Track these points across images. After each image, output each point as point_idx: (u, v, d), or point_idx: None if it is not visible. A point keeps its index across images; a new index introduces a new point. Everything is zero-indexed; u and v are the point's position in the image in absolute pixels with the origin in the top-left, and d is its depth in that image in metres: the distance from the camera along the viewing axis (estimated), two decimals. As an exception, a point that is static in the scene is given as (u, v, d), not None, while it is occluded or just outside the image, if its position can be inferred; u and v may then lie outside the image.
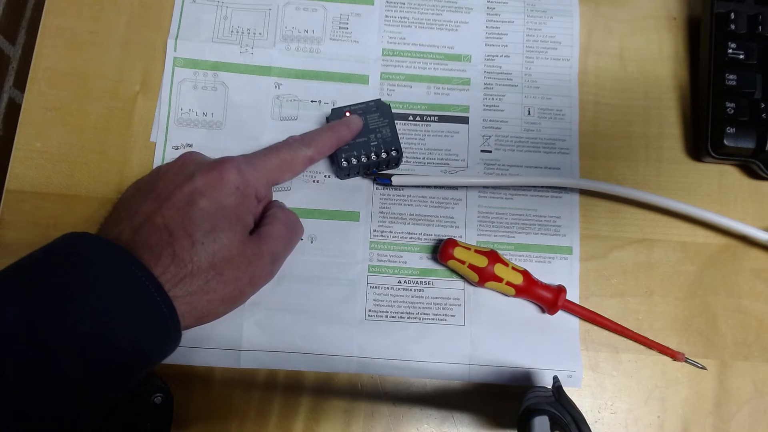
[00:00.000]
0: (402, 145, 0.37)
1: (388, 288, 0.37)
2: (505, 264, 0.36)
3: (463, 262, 0.35)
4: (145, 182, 0.32)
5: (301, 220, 0.37)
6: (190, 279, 0.27)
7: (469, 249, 0.36)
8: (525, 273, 0.36)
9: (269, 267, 0.32)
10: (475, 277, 0.36)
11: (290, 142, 0.34)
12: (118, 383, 0.26)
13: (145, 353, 0.26)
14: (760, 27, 0.39)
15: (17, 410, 0.22)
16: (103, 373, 0.25)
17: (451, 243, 0.36)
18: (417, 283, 0.37)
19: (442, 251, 0.36)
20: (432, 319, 0.37)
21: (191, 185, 0.29)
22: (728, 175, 0.41)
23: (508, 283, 0.35)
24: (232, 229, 0.29)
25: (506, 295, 0.37)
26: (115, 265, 0.26)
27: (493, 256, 0.35)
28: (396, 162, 0.38)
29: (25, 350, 0.23)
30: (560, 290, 0.36)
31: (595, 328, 0.37)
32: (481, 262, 0.35)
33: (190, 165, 0.31)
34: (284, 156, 0.33)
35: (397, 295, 0.37)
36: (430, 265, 0.38)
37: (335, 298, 0.37)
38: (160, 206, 0.29)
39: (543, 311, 0.37)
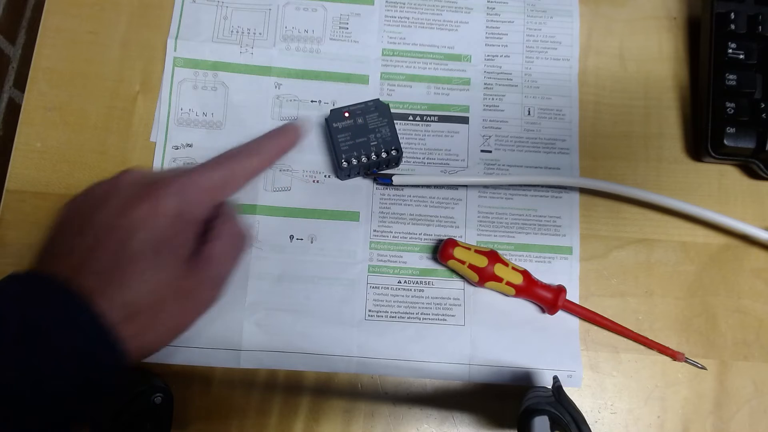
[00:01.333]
0: (402, 145, 0.37)
1: (388, 288, 0.37)
2: (505, 264, 0.36)
3: (463, 262, 0.35)
4: (80, 208, 0.29)
5: (300, 220, 0.37)
6: (132, 319, 0.26)
7: (469, 249, 0.36)
8: (525, 273, 0.36)
9: (214, 292, 0.31)
10: (475, 277, 0.36)
11: (231, 155, 0.32)
12: (59, 425, 0.25)
13: (84, 392, 0.25)
14: (760, 27, 0.39)
15: None
16: (38, 418, 0.24)
17: (451, 243, 0.36)
18: (417, 283, 0.37)
19: (442, 251, 0.36)
20: (432, 319, 0.37)
21: (128, 218, 0.27)
22: (728, 175, 0.41)
23: (508, 283, 0.35)
24: (172, 262, 0.28)
25: (506, 295, 0.37)
26: (59, 307, 0.25)
27: (493, 256, 0.35)
28: (396, 162, 0.38)
29: None
30: (560, 290, 0.36)
31: (595, 328, 0.37)
32: (481, 262, 0.35)
33: (126, 190, 0.29)
34: (226, 171, 0.31)
35: (397, 295, 0.37)
36: (430, 265, 0.38)
37: (335, 298, 0.37)
38: (95, 245, 0.27)
39: (543, 311, 0.37)
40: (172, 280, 0.28)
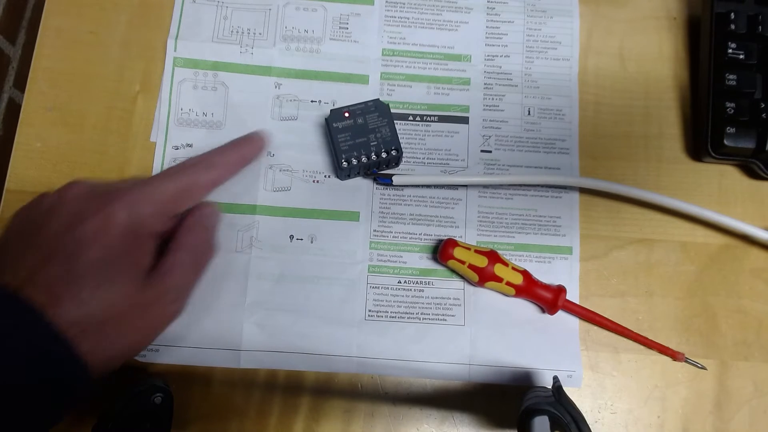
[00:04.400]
0: (402, 145, 0.37)
1: (388, 288, 0.37)
2: (505, 264, 0.36)
3: (463, 262, 0.35)
4: (30, 219, 0.28)
5: (300, 220, 0.37)
6: (85, 336, 0.25)
7: (469, 249, 0.36)
8: (525, 273, 0.36)
9: (173, 306, 0.29)
10: (475, 277, 0.36)
11: (188, 165, 0.31)
12: None
13: (45, 407, 0.25)
14: (760, 27, 0.39)
15: None
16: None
17: (451, 243, 0.36)
18: (417, 283, 0.37)
19: (442, 251, 0.36)
20: (432, 319, 0.37)
21: (77, 233, 0.26)
22: (728, 175, 0.41)
23: (508, 283, 0.35)
24: (124, 278, 0.27)
25: (506, 295, 0.37)
26: (6, 317, 0.24)
27: (493, 256, 0.35)
28: (396, 161, 0.38)
29: None
30: (560, 290, 0.36)
31: (595, 328, 0.37)
32: (481, 262, 0.35)
33: (76, 203, 0.28)
34: (182, 183, 0.30)
35: (397, 295, 0.37)
36: (430, 265, 0.38)
37: (335, 298, 0.37)
38: (44, 260, 0.26)
39: (543, 311, 0.37)
40: (128, 295, 0.27)
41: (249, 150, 0.34)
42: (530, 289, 0.36)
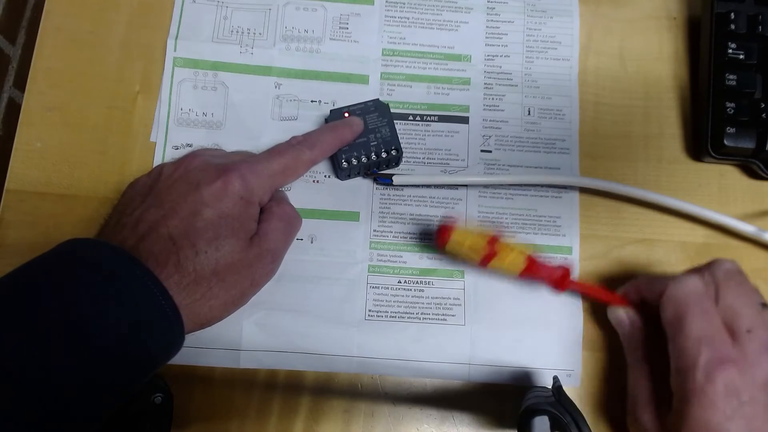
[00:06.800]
0: (402, 145, 0.37)
1: (388, 288, 0.37)
2: (508, 245, 0.34)
3: (461, 244, 0.33)
4: (148, 186, 0.31)
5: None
6: (193, 287, 0.28)
7: (468, 231, 0.34)
8: (529, 255, 0.34)
9: (270, 266, 0.33)
10: (477, 256, 0.34)
11: (293, 143, 0.34)
12: (122, 388, 0.26)
13: (150, 358, 0.27)
14: (760, 27, 0.39)
15: (22, 413, 0.23)
16: (108, 378, 0.25)
17: (448, 228, 0.34)
18: (417, 283, 0.37)
19: (439, 235, 0.34)
20: (432, 319, 0.37)
21: (196, 196, 0.30)
22: (728, 175, 0.41)
23: (513, 262, 0.33)
24: (235, 236, 0.30)
25: (511, 276, 0.35)
26: (121, 271, 0.26)
27: (494, 238, 0.33)
28: (396, 161, 0.38)
29: (28, 357, 0.23)
30: (567, 267, 0.34)
31: (596, 327, 0.37)
32: (482, 240, 0.33)
33: (195, 172, 0.31)
34: (287, 160, 0.33)
35: (397, 295, 0.37)
36: (430, 264, 0.38)
37: (335, 298, 0.37)
38: (164, 216, 0.29)
39: (544, 311, 0.37)
40: (235, 252, 0.30)
41: (347, 132, 0.36)
42: (536, 267, 0.34)
